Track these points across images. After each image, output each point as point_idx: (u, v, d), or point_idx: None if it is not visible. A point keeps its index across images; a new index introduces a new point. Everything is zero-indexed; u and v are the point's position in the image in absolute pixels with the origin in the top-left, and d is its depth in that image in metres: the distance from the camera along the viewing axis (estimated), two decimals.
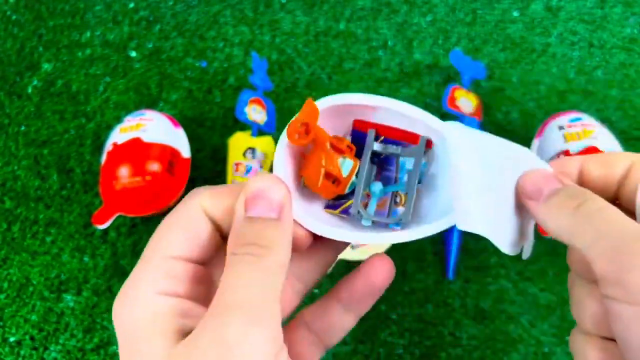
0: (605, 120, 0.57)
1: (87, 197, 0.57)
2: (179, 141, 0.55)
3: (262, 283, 0.22)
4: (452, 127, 0.26)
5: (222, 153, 0.59)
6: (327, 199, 0.29)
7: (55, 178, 0.59)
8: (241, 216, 0.24)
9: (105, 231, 0.55)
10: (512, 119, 0.59)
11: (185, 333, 0.22)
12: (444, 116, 0.60)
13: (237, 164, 0.54)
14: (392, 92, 0.62)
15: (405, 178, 0.28)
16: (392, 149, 0.28)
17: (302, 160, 0.28)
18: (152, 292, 0.23)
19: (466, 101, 0.56)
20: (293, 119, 0.27)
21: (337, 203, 0.29)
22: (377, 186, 0.29)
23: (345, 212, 0.28)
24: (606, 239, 0.21)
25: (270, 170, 0.34)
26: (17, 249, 0.55)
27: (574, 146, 0.50)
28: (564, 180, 0.25)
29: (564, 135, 0.51)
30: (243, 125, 0.60)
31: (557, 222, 0.23)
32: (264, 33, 0.66)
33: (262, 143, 0.55)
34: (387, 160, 0.29)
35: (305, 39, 0.65)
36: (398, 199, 0.28)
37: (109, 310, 0.52)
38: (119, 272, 0.54)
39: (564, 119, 0.53)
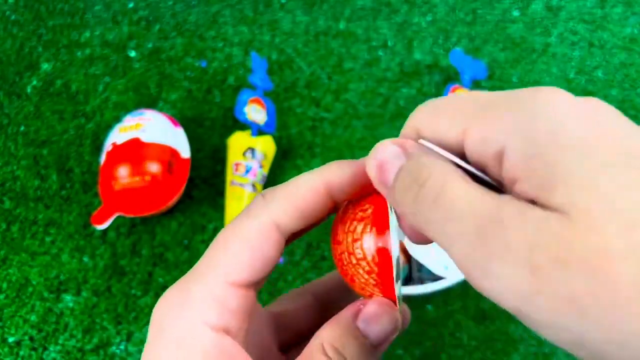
0: None
1: (86, 197, 0.57)
2: (179, 141, 0.55)
3: None
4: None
5: (221, 153, 0.59)
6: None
7: (55, 178, 0.58)
8: (349, 320, 0.21)
9: (105, 231, 0.55)
10: None
11: None
12: None
13: (236, 164, 0.54)
14: (392, 92, 0.62)
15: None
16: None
17: None
18: (201, 321, 0.20)
19: None
20: None
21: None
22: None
23: None
24: (453, 229, 0.16)
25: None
26: (17, 249, 0.55)
27: None
28: (409, 148, 0.19)
29: None
30: (243, 125, 0.60)
31: (406, 211, 0.18)
32: (264, 33, 0.66)
33: (262, 143, 0.55)
34: None
35: (305, 38, 0.65)
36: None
37: (108, 310, 0.52)
38: (118, 272, 0.53)
39: None
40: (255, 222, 0.21)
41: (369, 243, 0.21)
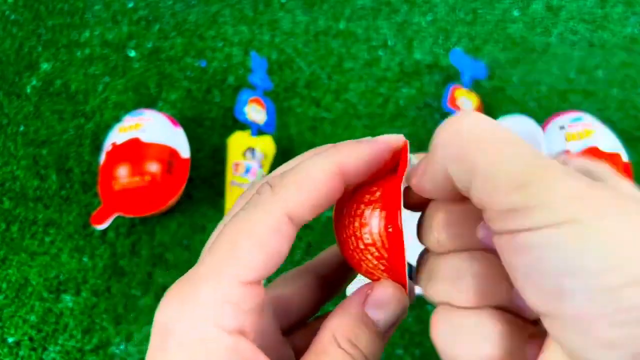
0: (606, 120, 0.57)
1: (86, 197, 0.57)
2: (178, 141, 0.55)
3: None
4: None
5: (221, 153, 0.58)
6: None
7: (54, 178, 0.58)
8: (358, 308, 0.21)
9: (104, 231, 0.55)
10: None
11: None
12: (445, 115, 0.59)
13: (236, 164, 0.54)
14: (392, 92, 0.61)
15: None
16: None
17: None
18: (214, 324, 0.19)
19: (466, 101, 0.56)
20: None
21: None
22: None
23: None
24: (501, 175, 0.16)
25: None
26: (16, 249, 0.55)
27: (575, 146, 0.49)
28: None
29: (565, 135, 0.51)
30: (242, 125, 0.60)
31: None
32: (264, 32, 0.66)
33: (262, 143, 0.55)
34: None
35: (305, 38, 0.65)
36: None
37: (108, 310, 0.52)
38: (118, 272, 0.53)
39: (565, 118, 0.53)
40: (267, 217, 0.20)
41: (378, 228, 0.20)
